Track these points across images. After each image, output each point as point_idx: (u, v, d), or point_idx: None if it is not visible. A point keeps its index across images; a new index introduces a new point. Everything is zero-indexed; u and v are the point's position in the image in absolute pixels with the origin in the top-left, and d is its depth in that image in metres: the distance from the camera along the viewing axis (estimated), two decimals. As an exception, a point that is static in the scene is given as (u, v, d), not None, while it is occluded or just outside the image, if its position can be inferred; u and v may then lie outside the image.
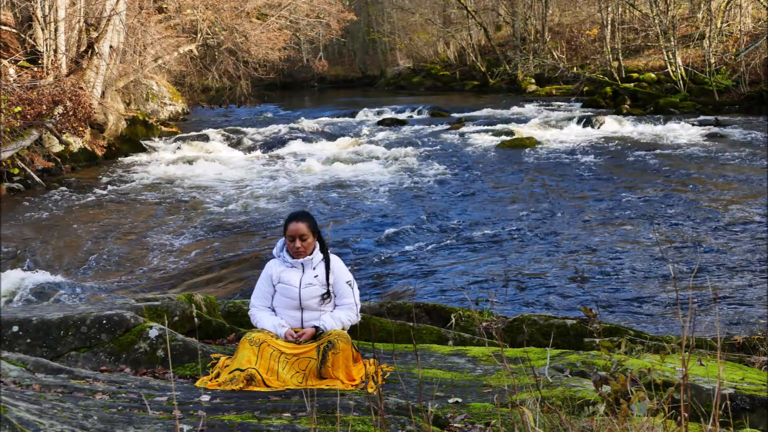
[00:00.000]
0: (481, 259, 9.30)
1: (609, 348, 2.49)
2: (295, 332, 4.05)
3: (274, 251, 4.30)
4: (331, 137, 20.14)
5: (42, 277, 9.28)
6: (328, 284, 4.16)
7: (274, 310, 4.21)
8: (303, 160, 17.04)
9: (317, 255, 4.20)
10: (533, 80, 32.19)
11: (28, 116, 14.55)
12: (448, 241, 10.13)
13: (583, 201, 12.19)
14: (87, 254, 10.24)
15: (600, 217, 11.05)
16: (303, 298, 4.12)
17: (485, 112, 24.84)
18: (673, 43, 24.32)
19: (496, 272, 8.70)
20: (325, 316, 4.11)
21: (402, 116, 24.48)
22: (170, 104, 26.57)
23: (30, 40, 17.46)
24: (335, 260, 4.24)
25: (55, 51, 16.96)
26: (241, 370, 3.77)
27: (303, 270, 4.17)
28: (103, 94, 18.62)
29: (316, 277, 4.16)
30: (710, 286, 7.89)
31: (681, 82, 24.10)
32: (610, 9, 29.39)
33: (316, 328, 4.04)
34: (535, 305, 7.53)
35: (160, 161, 17.47)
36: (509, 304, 7.53)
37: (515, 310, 7.24)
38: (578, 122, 20.70)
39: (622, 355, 2.47)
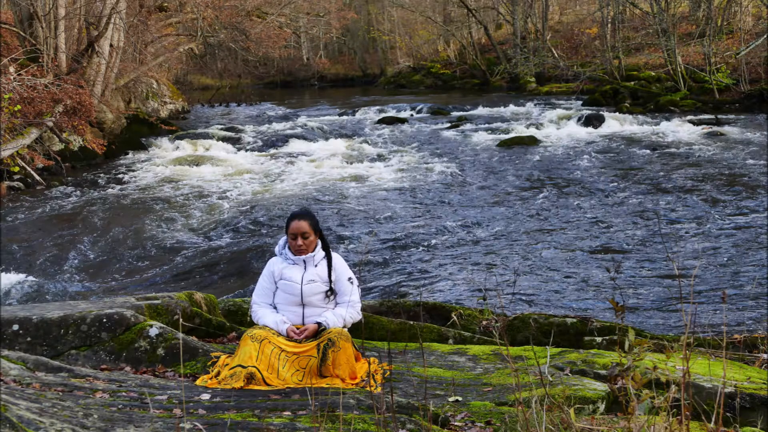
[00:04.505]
0: (481, 257, 9.30)
1: (623, 345, 2.48)
2: (297, 329, 4.06)
3: (276, 249, 4.31)
4: (332, 136, 20.13)
5: (42, 275, 9.28)
6: (330, 281, 4.17)
7: (275, 308, 4.21)
8: (303, 158, 17.04)
9: (319, 252, 4.21)
10: (533, 79, 32.16)
11: (29, 115, 14.54)
12: (449, 240, 10.12)
13: (583, 199, 12.19)
14: (87, 253, 10.24)
15: (600, 216, 11.05)
16: (305, 294, 4.13)
17: (485, 110, 24.82)
18: (673, 41, 24.29)
19: (497, 271, 8.70)
20: (327, 312, 4.12)
21: (402, 115, 24.46)
22: (170, 102, 26.55)
23: (30, 39, 17.45)
24: (337, 258, 4.26)
25: (56, 49, 16.95)
26: (243, 367, 3.77)
27: (305, 267, 4.18)
28: (103, 92, 18.61)
29: (318, 274, 4.16)
30: (710, 285, 7.88)
31: (681, 80, 24.07)
32: (610, 7, 29.36)
33: (318, 324, 4.05)
34: (536, 304, 7.53)
35: (160, 160, 17.46)
36: (509, 303, 7.53)
37: (515, 308, 7.24)
38: (578, 121, 20.66)
39: (635, 354, 2.47)
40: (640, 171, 14.28)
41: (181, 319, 4.53)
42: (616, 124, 20.17)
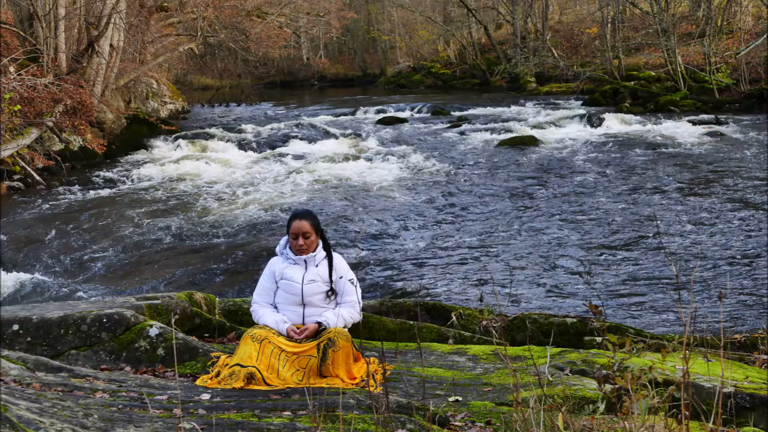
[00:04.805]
0: (481, 257, 9.30)
1: (613, 343, 2.48)
2: (297, 328, 4.06)
3: (277, 249, 4.32)
4: (331, 136, 20.12)
5: (42, 275, 9.29)
6: (330, 281, 4.17)
7: (276, 307, 4.21)
8: (303, 158, 17.04)
9: (320, 252, 4.22)
10: (533, 79, 32.15)
11: (29, 115, 14.54)
12: (449, 240, 10.13)
13: (583, 199, 12.19)
14: (87, 253, 10.24)
15: (600, 216, 11.05)
16: (305, 294, 4.13)
17: (485, 110, 24.81)
18: (673, 41, 24.29)
19: (497, 271, 8.70)
20: (328, 312, 4.13)
21: (402, 115, 24.44)
22: (170, 102, 26.55)
23: (30, 39, 17.45)
24: (338, 258, 4.26)
25: (56, 49, 16.95)
26: (243, 366, 3.77)
27: (306, 267, 4.18)
28: (103, 92, 18.61)
29: (318, 274, 4.17)
30: (710, 284, 7.89)
31: (681, 80, 24.07)
32: (610, 7, 29.36)
33: (319, 324, 4.05)
34: (536, 304, 7.53)
35: (160, 160, 17.46)
36: (509, 303, 7.53)
37: (515, 308, 7.24)
38: (578, 121, 20.66)
39: (625, 353, 2.47)
40: (640, 171, 14.28)
41: (172, 320, 4.53)
42: (616, 124, 20.16)
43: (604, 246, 9.53)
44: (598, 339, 4.85)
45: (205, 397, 3.43)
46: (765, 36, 22.79)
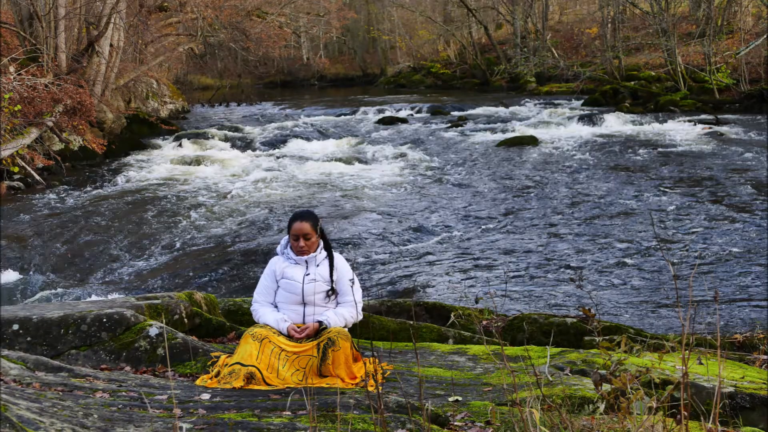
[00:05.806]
0: (481, 257, 9.31)
1: (608, 348, 2.49)
2: (298, 327, 4.06)
3: (278, 248, 4.32)
4: (331, 136, 20.14)
5: (42, 275, 9.29)
6: (331, 281, 4.18)
7: (276, 307, 4.22)
8: (303, 158, 17.04)
9: (321, 252, 4.22)
10: (533, 79, 32.15)
11: (29, 114, 14.55)
12: (449, 240, 10.13)
13: (583, 199, 12.19)
14: (87, 253, 10.24)
15: (600, 216, 11.06)
16: (306, 293, 4.13)
17: (485, 110, 24.81)
18: (673, 41, 24.29)
19: (497, 271, 8.71)
20: (329, 312, 4.13)
21: (402, 115, 24.45)
22: (170, 102, 26.56)
23: (30, 39, 17.45)
24: (338, 258, 4.27)
25: (56, 49, 16.95)
26: (243, 365, 3.77)
27: (306, 266, 4.19)
28: (103, 92, 18.61)
29: (319, 273, 4.17)
30: (710, 284, 7.89)
31: (681, 80, 24.07)
32: (610, 7, 29.37)
33: (320, 323, 4.06)
34: (536, 304, 7.53)
35: (160, 159, 17.46)
36: (509, 303, 7.53)
37: (515, 308, 7.24)
38: (578, 121, 20.66)
39: (622, 353, 2.47)
40: (640, 171, 14.28)
41: (164, 320, 4.53)
42: (616, 124, 20.16)
43: (604, 246, 9.53)
44: (598, 339, 4.85)
45: (205, 396, 3.43)
46: (765, 36, 22.78)
